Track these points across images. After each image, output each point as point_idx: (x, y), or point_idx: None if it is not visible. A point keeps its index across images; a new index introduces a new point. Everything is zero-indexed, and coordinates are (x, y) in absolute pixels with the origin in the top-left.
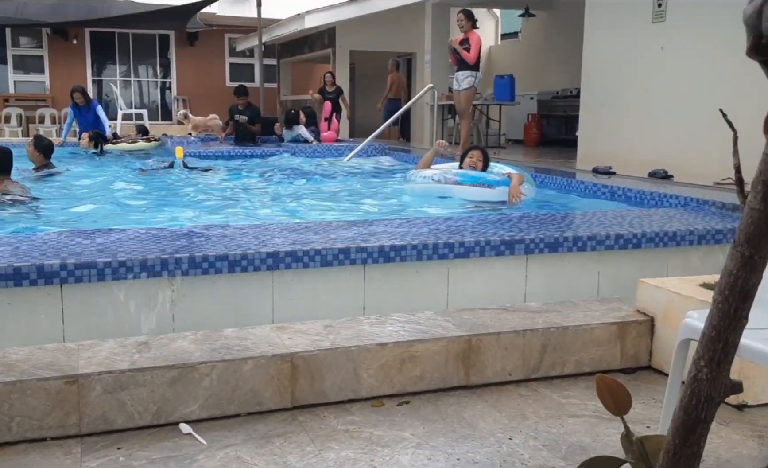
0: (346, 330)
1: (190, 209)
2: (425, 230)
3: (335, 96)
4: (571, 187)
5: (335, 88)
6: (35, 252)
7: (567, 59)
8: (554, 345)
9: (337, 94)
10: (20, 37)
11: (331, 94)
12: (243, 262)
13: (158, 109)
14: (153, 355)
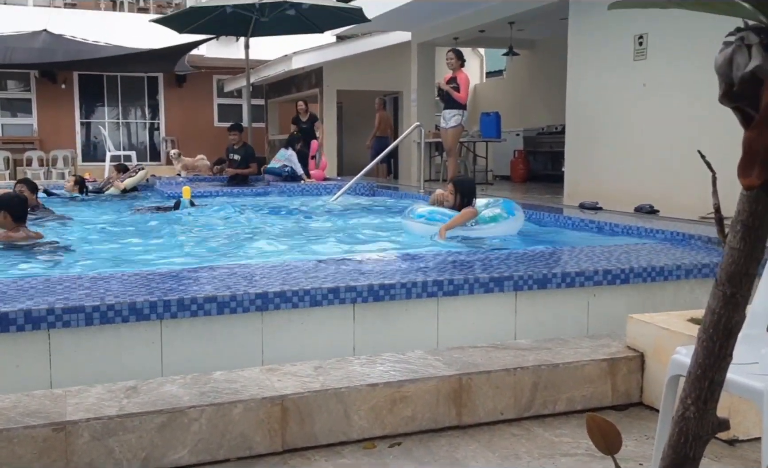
0: (336, 371)
1: (182, 249)
2: (414, 268)
3: (310, 125)
4: (559, 223)
5: (309, 116)
6: (22, 297)
7: (551, 96)
8: (545, 383)
9: (312, 123)
10: (8, 80)
11: (305, 123)
12: (232, 303)
13: (147, 149)
14: (141, 400)
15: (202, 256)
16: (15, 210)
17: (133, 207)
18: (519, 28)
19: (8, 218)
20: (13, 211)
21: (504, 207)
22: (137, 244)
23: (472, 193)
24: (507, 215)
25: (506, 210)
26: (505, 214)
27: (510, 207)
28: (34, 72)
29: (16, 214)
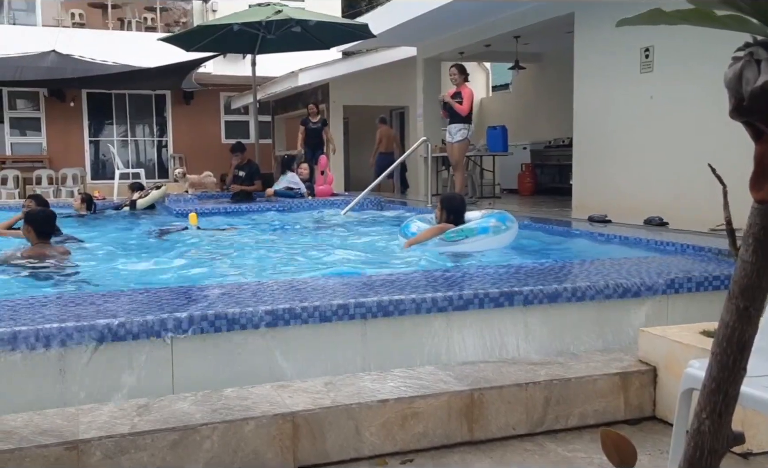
0: (347, 387)
1: (192, 268)
2: (424, 283)
3: (320, 127)
4: (568, 236)
5: (320, 118)
6: (34, 315)
7: (558, 109)
8: (557, 398)
9: (322, 126)
10: (17, 99)
11: (315, 124)
12: (242, 319)
13: (155, 167)
14: (153, 417)
15: (210, 275)
16: (39, 225)
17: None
18: (525, 42)
19: (32, 233)
20: (37, 226)
21: (498, 219)
22: (147, 263)
23: (457, 210)
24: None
25: (500, 221)
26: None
27: (504, 218)
28: (43, 91)
29: (39, 230)
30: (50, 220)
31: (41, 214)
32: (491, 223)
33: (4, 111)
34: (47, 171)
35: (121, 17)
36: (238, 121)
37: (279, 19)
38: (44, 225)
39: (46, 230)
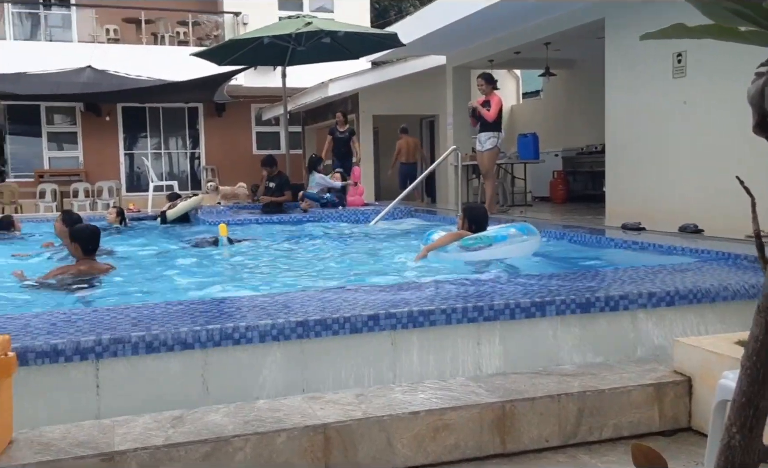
0: (378, 399)
1: (224, 280)
2: (454, 293)
3: (347, 136)
4: (601, 245)
5: (347, 128)
6: (71, 328)
7: (590, 116)
8: (591, 409)
9: (350, 135)
10: (54, 114)
11: (342, 134)
12: (273, 331)
13: (188, 179)
14: (187, 429)
15: (241, 287)
16: (85, 242)
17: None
18: (555, 49)
19: (79, 250)
20: (83, 243)
21: (519, 229)
22: (178, 276)
23: (479, 220)
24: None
25: (520, 231)
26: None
27: (524, 229)
28: (80, 106)
29: (85, 247)
30: (96, 237)
31: (87, 231)
32: (510, 232)
33: (42, 126)
34: (84, 184)
35: (154, 32)
36: (269, 132)
37: (309, 30)
38: (90, 241)
39: (92, 247)
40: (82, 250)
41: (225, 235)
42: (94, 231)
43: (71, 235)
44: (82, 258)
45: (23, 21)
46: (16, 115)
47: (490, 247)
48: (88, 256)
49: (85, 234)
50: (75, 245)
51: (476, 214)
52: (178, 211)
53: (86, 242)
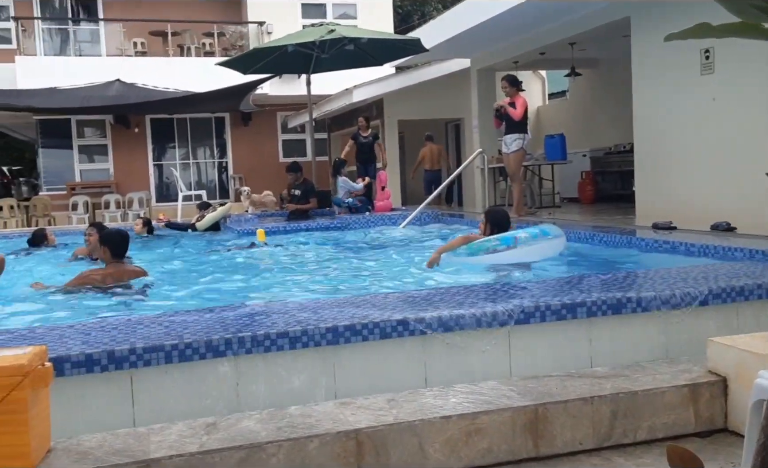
0: (409, 403)
1: (255, 286)
2: (483, 297)
3: (371, 141)
4: (632, 245)
5: (370, 133)
6: (105, 338)
7: (617, 115)
8: (624, 411)
9: (373, 140)
10: (85, 127)
11: (366, 139)
12: (303, 337)
13: (216, 188)
14: (221, 436)
15: (273, 293)
16: (115, 247)
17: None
18: (580, 48)
19: (107, 253)
20: (113, 247)
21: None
22: (212, 282)
23: (500, 223)
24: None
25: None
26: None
27: (545, 230)
28: (109, 118)
29: (114, 251)
30: (125, 241)
31: (116, 236)
32: (520, 236)
33: (73, 139)
34: (114, 195)
35: (180, 44)
36: (294, 140)
37: (332, 38)
38: (120, 246)
39: (121, 251)
40: (111, 253)
41: (263, 240)
42: (123, 235)
43: (100, 239)
44: (111, 262)
45: (53, 37)
46: (48, 130)
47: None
48: (117, 260)
49: (115, 238)
50: (104, 249)
51: (496, 217)
52: (207, 222)
53: (115, 246)
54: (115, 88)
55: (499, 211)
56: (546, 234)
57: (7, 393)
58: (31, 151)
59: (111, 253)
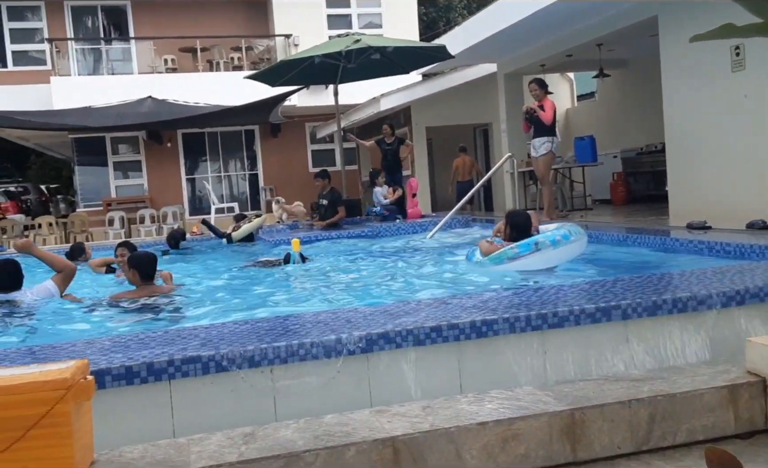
0: (445, 410)
1: (288, 298)
2: (516, 302)
3: (395, 147)
4: (666, 246)
5: (394, 139)
6: (144, 350)
7: (648, 115)
8: (663, 414)
9: (398, 145)
10: (119, 144)
11: (389, 145)
12: (338, 346)
13: (247, 200)
14: (259, 445)
15: (308, 303)
16: (144, 268)
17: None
18: (608, 49)
19: (137, 276)
20: (142, 269)
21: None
22: (246, 295)
23: (520, 226)
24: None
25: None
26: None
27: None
28: (142, 134)
29: (143, 273)
30: (153, 263)
31: (145, 258)
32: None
33: (108, 156)
34: (149, 210)
35: (209, 59)
36: (324, 150)
37: (358, 48)
38: (148, 268)
39: (150, 272)
40: (140, 276)
41: (298, 250)
42: (151, 257)
43: (128, 263)
44: (141, 285)
45: (86, 56)
46: (84, 148)
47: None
48: (146, 282)
49: (143, 260)
50: (133, 272)
51: (518, 220)
52: (243, 232)
53: (144, 268)
54: (147, 104)
55: (520, 213)
56: (566, 238)
57: (51, 406)
58: (67, 169)
59: (140, 275)
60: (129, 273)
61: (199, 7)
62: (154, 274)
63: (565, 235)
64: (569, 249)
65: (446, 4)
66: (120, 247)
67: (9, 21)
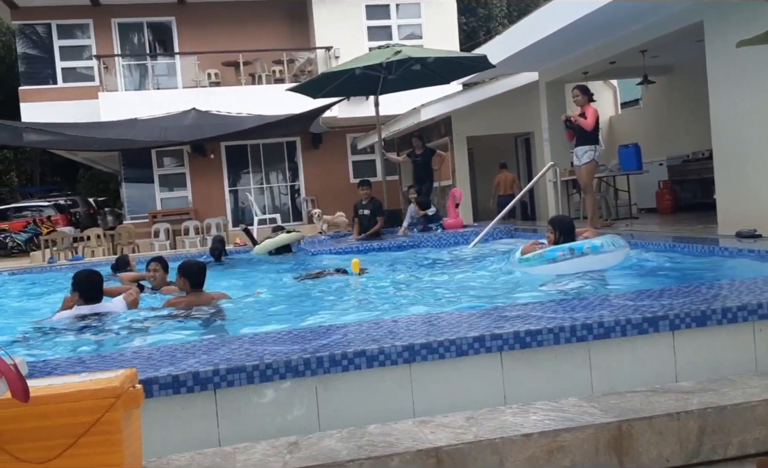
0: (489, 421)
1: (332, 308)
2: (561, 312)
3: (426, 158)
4: (714, 255)
5: (424, 150)
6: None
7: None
8: (713, 427)
9: (428, 155)
10: (164, 158)
11: (419, 157)
12: (380, 356)
13: (289, 211)
14: (303, 455)
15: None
16: (194, 277)
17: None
18: (652, 55)
19: (187, 284)
20: (191, 278)
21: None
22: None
23: (567, 227)
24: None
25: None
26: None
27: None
28: (187, 147)
29: (193, 281)
30: (203, 272)
31: (195, 267)
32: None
33: (153, 169)
34: (193, 222)
35: (252, 73)
36: (364, 161)
37: (398, 59)
38: (198, 276)
39: (200, 281)
40: (190, 283)
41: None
42: (201, 266)
43: (179, 270)
44: (191, 292)
45: (132, 72)
46: (131, 161)
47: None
48: (196, 290)
49: (193, 269)
50: (183, 279)
51: (564, 223)
52: (264, 247)
53: (194, 276)
54: (191, 116)
55: (563, 217)
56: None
57: (102, 414)
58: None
59: (190, 283)
60: (180, 281)
61: (241, 21)
62: (203, 282)
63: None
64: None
65: (486, 14)
66: (153, 262)
67: (59, 39)
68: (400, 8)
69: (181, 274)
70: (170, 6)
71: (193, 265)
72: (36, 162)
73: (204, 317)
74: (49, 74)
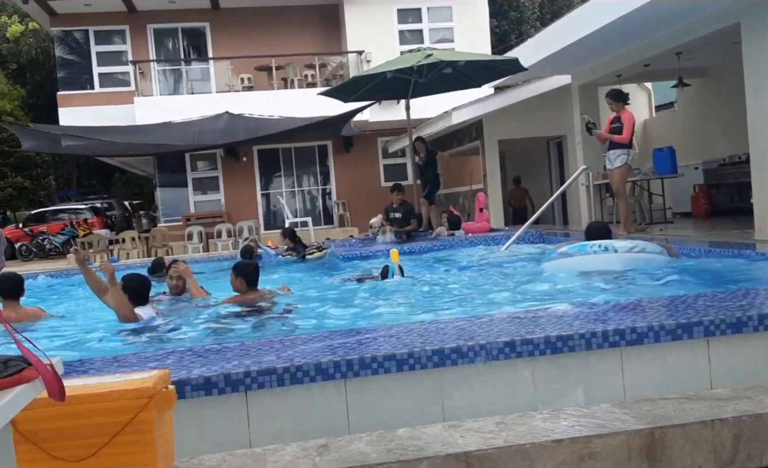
0: (519, 426)
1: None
2: (592, 318)
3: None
4: (751, 260)
5: (424, 155)
6: (221, 361)
7: (730, 124)
8: (748, 435)
9: (430, 158)
10: (198, 161)
11: (421, 160)
12: (410, 360)
13: (320, 214)
14: (332, 457)
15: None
16: (249, 276)
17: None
18: (688, 58)
19: (243, 283)
20: (247, 277)
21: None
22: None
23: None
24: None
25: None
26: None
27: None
28: (220, 151)
29: (249, 280)
30: (257, 271)
31: (250, 267)
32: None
33: (187, 173)
34: (226, 225)
35: (284, 77)
36: (395, 164)
37: (430, 62)
38: (253, 276)
39: (255, 280)
40: (247, 283)
41: (397, 261)
42: (256, 266)
43: (235, 270)
44: (246, 290)
45: (167, 77)
46: (165, 165)
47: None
48: (251, 288)
49: (249, 269)
50: (240, 279)
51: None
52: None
53: (250, 275)
54: (224, 119)
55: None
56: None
57: (135, 414)
58: (149, 185)
59: (246, 282)
60: (236, 281)
61: (274, 26)
62: (257, 282)
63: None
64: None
65: (518, 17)
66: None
67: (96, 45)
68: (431, 12)
69: (238, 275)
70: (204, 12)
71: (248, 265)
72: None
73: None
74: (86, 79)
